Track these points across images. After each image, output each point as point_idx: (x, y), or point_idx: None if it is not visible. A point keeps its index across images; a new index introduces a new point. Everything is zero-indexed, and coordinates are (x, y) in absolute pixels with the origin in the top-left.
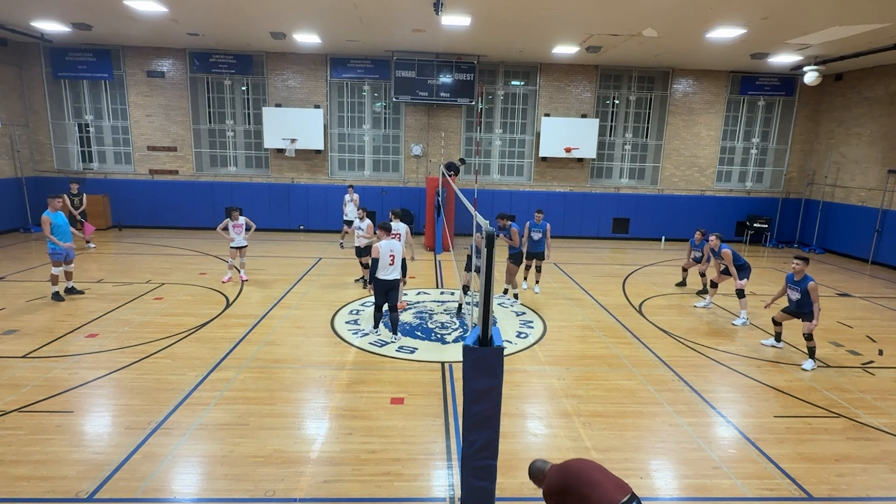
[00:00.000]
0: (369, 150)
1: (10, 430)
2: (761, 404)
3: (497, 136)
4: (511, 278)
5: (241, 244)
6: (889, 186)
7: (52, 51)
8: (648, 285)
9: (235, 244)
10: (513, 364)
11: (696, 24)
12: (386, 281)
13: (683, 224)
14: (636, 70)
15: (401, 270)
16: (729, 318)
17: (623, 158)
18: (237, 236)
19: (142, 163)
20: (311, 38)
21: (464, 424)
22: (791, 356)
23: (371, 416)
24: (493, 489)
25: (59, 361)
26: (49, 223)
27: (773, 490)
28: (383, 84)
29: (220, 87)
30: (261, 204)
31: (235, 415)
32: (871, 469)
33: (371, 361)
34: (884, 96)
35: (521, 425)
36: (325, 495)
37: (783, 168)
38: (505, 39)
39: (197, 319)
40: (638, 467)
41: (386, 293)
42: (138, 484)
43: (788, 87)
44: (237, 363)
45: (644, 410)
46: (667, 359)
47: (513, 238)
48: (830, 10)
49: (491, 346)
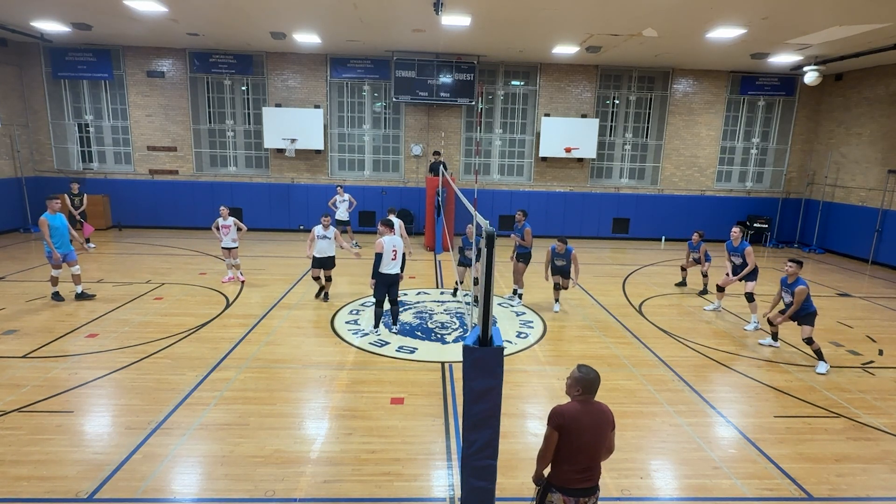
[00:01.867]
0: (369, 150)
1: (10, 430)
2: (761, 404)
3: (497, 136)
4: (519, 278)
5: (227, 245)
6: (889, 186)
7: (52, 51)
8: (648, 285)
9: (224, 245)
10: (513, 364)
11: (696, 24)
12: (389, 275)
13: (683, 224)
14: (636, 70)
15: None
16: (730, 320)
17: (623, 158)
18: (224, 237)
19: (142, 163)
20: (311, 38)
21: (464, 424)
22: (791, 356)
23: (371, 416)
24: (493, 489)
25: (59, 361)
26: (47, 225)
27: (773, 490)
28: (383, 84)
29: (220, 87)
30: (261, 204)
31: (235, 415)
32: (871, 469)
33: (371, 361)
34: (884, 96)
35: (521, 425)
36: (325, 495)
37: (783, 168)
38: (505, 39)
39: (197, 319)
40: (638, 467)
41: (388, 287)
42: (138, 484)
43: (788, 87)
44: (237, 363)
45: (644, 410)
46: (667, 359)
47: (525, 238)
48: (830, 10)
49: (491, 346)
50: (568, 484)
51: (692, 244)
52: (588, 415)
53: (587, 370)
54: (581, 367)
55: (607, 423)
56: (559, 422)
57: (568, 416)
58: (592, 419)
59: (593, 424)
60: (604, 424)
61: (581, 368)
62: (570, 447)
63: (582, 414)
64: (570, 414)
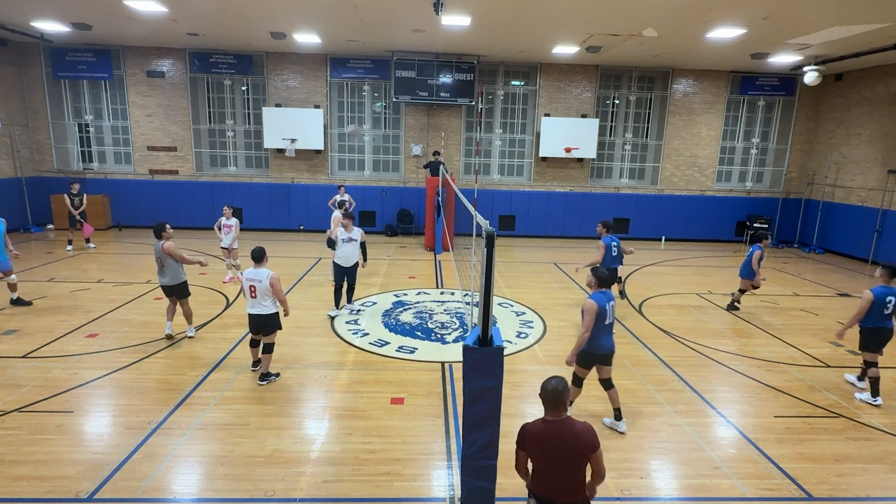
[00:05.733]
0: (369, 150)
1: (10, 430)
2: (761, 404)
3: (497, 136)
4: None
5: (226, 244)
6: (889, 186)
7: (52, 51)
8: (648, 285)
9: (223, 244)
10: (513, 364)
11: (696, 24)
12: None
13: (683, 224)
14: (636, 70)
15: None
16: (730, 319)
17: (623, 158)
18: (225, 237)
19: (142, 163)
20: (311, 38)
21: (464, 424)
22: (792, 356)
23: (371, 416)
24: (493, 489)
25: (59, 361)
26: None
27: (773, 490)
28: (383, 84)
29: (220, 87)
30: (261, 204)
31: (235, 415)
32: (871, 469)
33: (371, 361)
34: (884, 96)
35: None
36: (325, 495)
37: (783, 168)
38: (505, 39)
39: (197, 319)
40: (638, 467)
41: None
42: (138, 484)
43: (788, 87)
44: (237, 363)
45: (644, 410)
46: (667, 359)
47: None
48: (830, 10)
49: (491, 346)
50: (543, 494)
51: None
52: (556, 436)
53: (546, 382)
54: (546, 381)
55: (583, 446)
56: (521, 440)
57: (529, 436)
58: (561, 442)
59: (562, 448)
60: (577, 448)
61: (546, 381)
62: (540, 466)
63: (547, 435)
64: (532, 434)
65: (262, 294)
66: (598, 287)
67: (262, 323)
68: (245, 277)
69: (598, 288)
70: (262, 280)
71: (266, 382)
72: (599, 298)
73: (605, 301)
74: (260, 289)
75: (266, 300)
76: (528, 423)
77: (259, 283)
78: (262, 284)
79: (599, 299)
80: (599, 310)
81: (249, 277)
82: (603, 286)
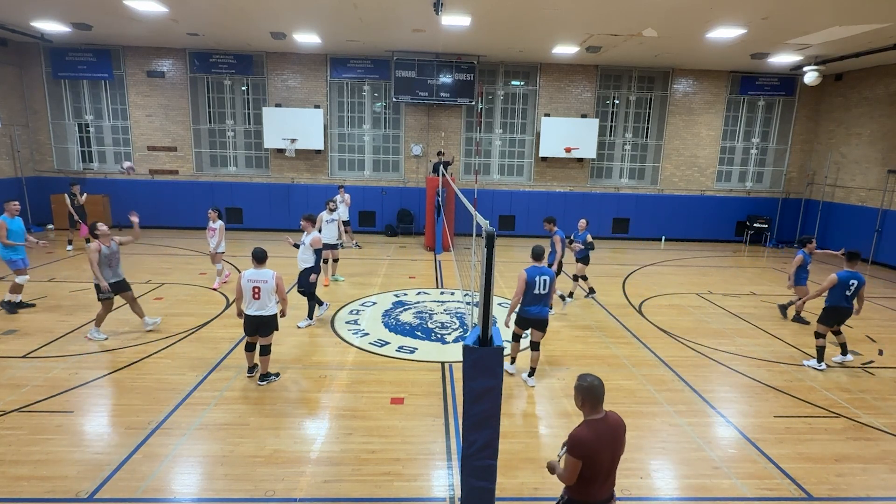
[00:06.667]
0: (369, 150)
1: (10, 430)
2: (761, 404)
3: (497, 136)
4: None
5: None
6: (889, 186)
7: (52, 51)
8: (648, 285)
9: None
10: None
11: (695, 24)
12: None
13: (683, 224)
14: (636, 70)
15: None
16: (729, 319)
17: (623, 158)
18: (210, 240)
19: (142, 163)
20: (311, 38)
21: (464, 424)
22: (792, 355)
23: (371, 416)
24: (493, 489)
25: (59, 361)
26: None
27: (773, 490)
28: (383, 84)
29: (220, 87)
30: (261, 204)
31: (235, 415)
32: (871, 469)
33: (371, 361)
34: (884, 96)
35: (521, 425)
36: (325, 495)
37: (783, 168)
38: (505, 39)
39: (197, 319)
40: (638, 467)
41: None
42: (138, 484)
43: (788, 87)
44: (237, 363)
45: (644, 410)
46: (667, 359)
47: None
48: (830, 10)
49: (491, 346)
50: (589, 498)
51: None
52: (606, 433)
53: (586, 378)
54: (581, 377)
55: (623, 432)
56: (583, 452)
57: (588, 443)
58: (610, 436)
59: (612, 441)
60: (620, 436)
61: (581, 378)
62: (593, 469)
63: (601, 435)
64: (590, 441)
65: (266, 294)
66: (534, 262)
67: (263, 324)
68: (246, 279)
69: (534, 262)
70: (267, 280)
71: (266, 382)
72: (530, 271)
73: (536, 274)
74: (265, 289)
75: (270, 301)
76: (580, 432)
77: (265, 283)
78: (267, 285)
79: (530, 272)
80: (528, 279)
81: (252, 279)
82: (537, 261)
